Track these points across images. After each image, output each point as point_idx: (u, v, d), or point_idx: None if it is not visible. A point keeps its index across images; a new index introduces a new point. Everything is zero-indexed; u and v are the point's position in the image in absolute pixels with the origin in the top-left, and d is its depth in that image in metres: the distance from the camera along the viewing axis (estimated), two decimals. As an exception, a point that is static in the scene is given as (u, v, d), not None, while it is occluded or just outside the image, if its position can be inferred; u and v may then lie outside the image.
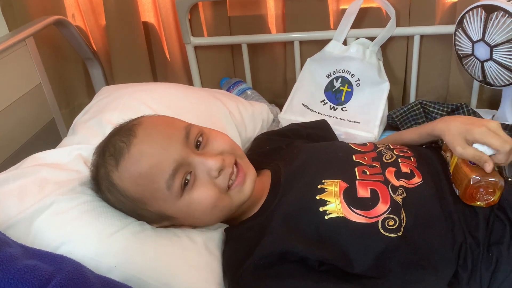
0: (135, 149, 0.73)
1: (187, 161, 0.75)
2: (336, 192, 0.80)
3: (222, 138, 0.83)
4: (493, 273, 0.75)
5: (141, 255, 0.74)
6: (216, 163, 0.76)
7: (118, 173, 0.74)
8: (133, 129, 0.76)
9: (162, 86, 1.20)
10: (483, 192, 0.78)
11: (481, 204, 0.79)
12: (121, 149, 0.74)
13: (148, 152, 0.73)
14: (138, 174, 0.73)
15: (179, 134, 0.77)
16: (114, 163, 0.74)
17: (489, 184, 0.77)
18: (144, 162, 0.73)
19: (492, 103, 1.41)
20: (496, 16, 1.06)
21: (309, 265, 0.75)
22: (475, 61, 1.18)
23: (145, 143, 0.74)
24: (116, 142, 0.76)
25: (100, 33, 1.59)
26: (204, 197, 0.76)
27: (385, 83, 1.33)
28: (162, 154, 0.73)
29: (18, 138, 1.28)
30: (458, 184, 0.81)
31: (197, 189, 0.76)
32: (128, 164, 0.73)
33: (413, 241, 0.76)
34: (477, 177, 0.77)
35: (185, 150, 0.76)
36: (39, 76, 1.38)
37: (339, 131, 1.24)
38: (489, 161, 0.77)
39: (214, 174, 0.76)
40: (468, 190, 0.78)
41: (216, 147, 0.81)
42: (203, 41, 1.51)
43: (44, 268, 0.57)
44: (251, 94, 1.49)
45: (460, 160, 0.82)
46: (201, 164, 0.76)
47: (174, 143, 0.75)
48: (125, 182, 0.74)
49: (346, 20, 1.36)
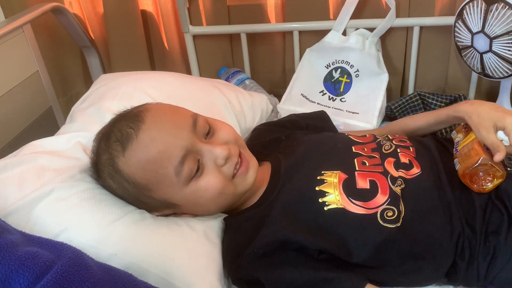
0: (145, 134, 0.73)
1: (195, 148, 0.76)
2: (336, 183, 0.81)
3: (227, 129, 0.84)
4: (490, 263, 0.76)
5: (141, 243, 0.74)
6: (223, 152, 0.77)
7: (124, 159, 0.74)
8: (140, 115, 0.76)
9: (161, 74, 1.19)
10: (482, 177, 0.79)
11: (473, 186, 0.80)
12: (129, 135, 0.74)
13: (158, 138, 0.74)
14: (146, 160, 0.73)
15: (187, 122, 0.78)
16: (121, 149, 0.74)
17: (492, 170, 0.78)
18: (154, 148, 0.73)
19: (490, 95, 1.42)
20: (496, 8, 1.06)
21: (308, 254, 0.76)
22: (474, 53, 1.18)
23: (154, 129, 0.74)
24: (122, 127, 0.76)
25: (98, 21, 1.58)
26: (211, 185, 0.76)
27: (384, 74, 1.32)
28: (171, 140, 0.74)
29: (16, 126, 1.27)
30: (463, 159, 0.82)
31: (204, 176, 0.77)
32: (136, 150, 0.73)
33: (411, 231, 0.77)
34: (487, 158, 0.78)
35: (193, 138, 0.77)
36: (36, 64, 1.37)
37: (338, 121, 1.24)
38: (503, 152, 0.77)
39: (220, 162, 0.77)
40: (472, 168, 0.79)
41: (221, 137, 0.82)
42: (201, 30, 1.50)
43: (45, 255, 0.57)
44: (250, 84, 1.48)
45: (476, 141, 0.83)
46: (208, 152, 0.77)
47: (182, 130, 0.76)
48: (131, 168, 0.74)
49: (345, 11, 1.35)
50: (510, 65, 1.10)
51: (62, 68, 1.63)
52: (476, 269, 0.76)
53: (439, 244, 0.77)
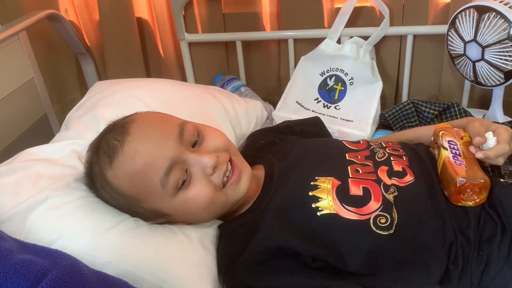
0: (129, 146, 0.73)
1: (182, 158, 0.75)
2: (329, 189, 0.81)
3: (217, 135, 0.83)
4: (483, 271, 0.76)
5: (136, 250, 0.74)
6: (210, 160, 0.76)
7: (112, 171, 0.74)
8: (126, 127, 0.76)
9: (157, 81, 1.19)
10: (470, 193, 0.79)
11: (469, 204, 0.80)
12: (114, 147, 0.74)
13: (142, 149, 0.73)
14: (132, 172, 0.73)
15: (173, 132, 0.77)
16: (108, 161, 0.74)
17: (475, 185, 0.78)
18: (138, 160, 0.72)
19: (483, 103, 1.43)
20: (488, 17, 1.07)
21: (302, 261, 0.76)
22: (467, 61, 1.19)
23: (138, 141, 0.74)
24: (109, 139, 0.76)
25: (94, 28, 1.58)
26: (200, 195, 0.76)
27: (378, 82, 1.34)
28: (156, 151, 0.73)
29: (10, 132, 1.27)
30: (445, 186, 0.82)
31: (192, 187, 0.76)
32: (122, 162, 0.73)
33: (404, 239, 0.77)
34: (462, 179, 0.77)
35: (180, 147, 0.76)
36: (31, 71, 1.37)
37: (332, 129, 1.25)
38: (483, 139, 0.80)
39: (209, 171, 0.76)
40: (455, 192, 0.79)
41: (210, 145, 0.81)
42: (197, 37, 1.51)
43: (40, 262, 0.57)
44: (245, 91, 1.49)
45: (447, 159, 0.83)
46: (195, 162, 0.76)
47: (168, 140, 0.75)
48: (119, 180, 0.74)
49: (340, 19, 1.37)
50: (502, 73, 1.12)
51: (57, 75, 1.63)
52: (469, 277, 0.76)
53: (432, 252, 0.77)
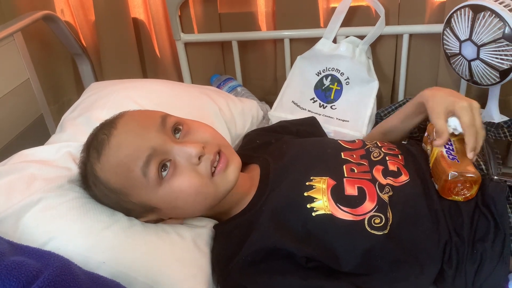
0: (115, 140, 0.74)
1: (164, 148, 0.74)
2: (324, 189, 0.81)
3: (204, 128, 0.82)
4: (477, 269, 0.76)
5: (129, 251, 0.74)
6: (195, 149, 0.74)
7: (100, 165, 0.74)
8: (114, 122, 0.77)
9: (152, 82, 1.19)
10: (461, 187, 0.80)
11: (459, 198, 0.81)
12: (102, 141, 0.74)
13: (125, 141, 0.73)
14: (116, 164, 0.73)
15: (155, 122, 0.77)
16: (97, 156, 0.75)
17: (466, 179, 0.79)
18: (121, 152, 0.73)
19: (479, 102, 1.40)
20: (483, 16, 1.07)
21: (297, 262, 0.76)
22: (462, 60, 1.19)
23: (123, 133, 0.74)
24: (98, 134, 0.77)
25: (89, 28, 1.58)
26: (186, 185, 0.74)
27: (374, 82, 1.33)
28: (137, 142, 0.73)
29: (6, 134, 1.26)
30: (436, 179, 0.83)
31: (178, 177, 0.74)
32: (108, 155, 0.74)
33: (399, 239, 0.77)
34: (454, 172, 0.79)
35: (162, 137, 0.75)
36: (27, 72, 1.37)
37: (328, 129, 1.25)
38: (443, 139, 0.80)
39: (194, 160, 0.75)
40: (446, 185, 0.80)
41: (197, 137, 0.79)
42: (193, 37, 1.51)
43: (32, 264, 0.57)
44: (241, 91, 1.49)
45: (440, 154, 0.84)
46: (180, 151, 0.75)
47: (149, 130, 0.75)
48: (106, 174, 0.74)
49: (336, 18, 1.36)
50: (498, 72, 1.12)
51: (53, 76, 1.63)
52: (464, 276, 0.77)
53: (426, 252, 0.77)
